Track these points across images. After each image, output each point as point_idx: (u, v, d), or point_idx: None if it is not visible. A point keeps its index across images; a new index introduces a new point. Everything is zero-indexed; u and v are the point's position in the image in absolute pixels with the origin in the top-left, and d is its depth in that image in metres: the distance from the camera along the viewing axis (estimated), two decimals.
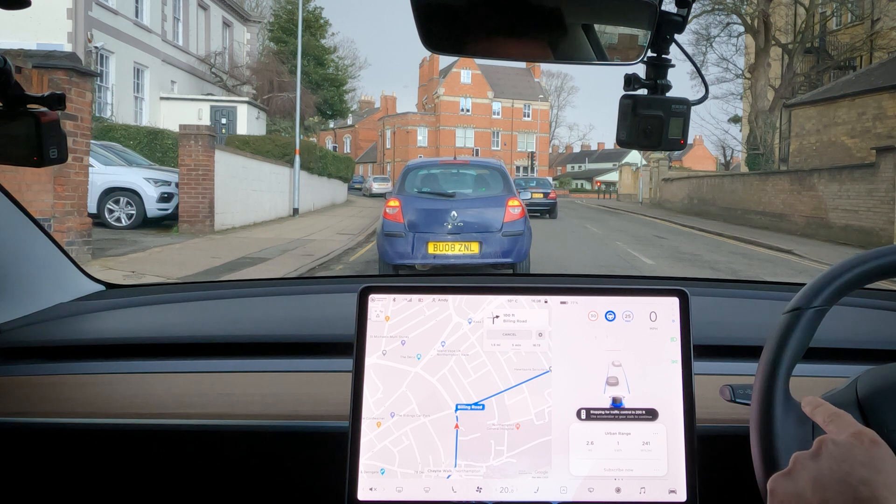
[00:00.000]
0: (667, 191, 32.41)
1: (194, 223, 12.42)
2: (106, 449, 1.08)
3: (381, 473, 0.89)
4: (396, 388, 0.91)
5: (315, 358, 1.16)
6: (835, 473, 0.61)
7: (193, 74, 25.47)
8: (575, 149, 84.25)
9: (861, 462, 0.61)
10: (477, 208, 7.78)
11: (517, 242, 7.66)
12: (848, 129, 18.83)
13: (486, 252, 7.52)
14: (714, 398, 0.91)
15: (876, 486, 0.59)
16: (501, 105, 65.31)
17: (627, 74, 0.86)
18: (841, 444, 0.64)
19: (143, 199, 12.29)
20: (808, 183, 17.32)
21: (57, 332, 1.24)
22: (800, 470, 0.64)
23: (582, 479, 0.89)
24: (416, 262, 7.53)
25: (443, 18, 0.80)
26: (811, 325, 0.77)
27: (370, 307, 0.93)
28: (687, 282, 1.52)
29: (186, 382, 1.11)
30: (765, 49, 26.04)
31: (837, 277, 0.78)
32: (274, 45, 30.31)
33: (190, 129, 12.38)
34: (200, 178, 12.37)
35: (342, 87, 31.32)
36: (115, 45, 20.20)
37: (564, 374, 0.92)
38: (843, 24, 26.40)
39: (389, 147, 65.66)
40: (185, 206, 12.45)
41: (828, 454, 0.63)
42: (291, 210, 19.20)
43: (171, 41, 24.23)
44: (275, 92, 25.36)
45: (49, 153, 0.93)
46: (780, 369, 0.76)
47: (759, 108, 26.77)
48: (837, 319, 1.00)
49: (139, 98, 22.29)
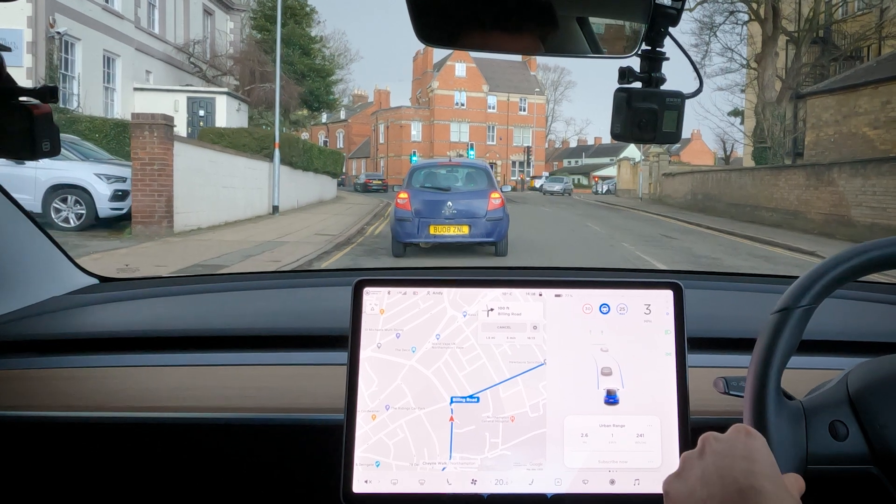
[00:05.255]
0: (668, 186, 31.75)
1: (149, 224, 10.97)
2: (100, 442, 1.07)
3: (376, 466, 0.89)
4: (391, 380, 0.91)
5: (310, 351, 1.17)
6: (718, 469, 0.65)
7: (171, 64, 24.03)
8: (571, 144, 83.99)
9: (741, 455, 0.66)
10: (466, 199, 10.08)
11: (497, 226, 10.02)
12: (870, 119, 17.45)
13: (473, 233, 9.92)
14: (708, 390, 0.92)
15: (754, 475, 0.63)
16: (497, 99, 65.06)
17: (622, 67, 0.86)
18: (722, 439, 0.69)
19: (93, 197, 10.90)
20: (827, 178, 16.07)
21: (51, 325, 1.24)
22: (689, 469, 0.68)
23: (576, 471, 0.90)
24: (420, 241, 10.04)
25: (437, 11, 0.81)
26: (800, 324, 0.78)
27: (365, 300, 0.93)
28: (681, 274, 1.57)
29: (181, 376, 1.12)
30: (773, 37, 24.96)
31: (824, 275, 0.79)
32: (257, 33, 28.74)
33: (143, 119, 10.90)
34: (156, 173, 10.90)
35: (329, 78, 29.62)
36: (81, 31, 18.78)
37: (559, 367, 0.92)
38: (849, 13, 25.54)
39: (383, 142, 65.25)
40: (139, 205, 10.98)
41: (711, 451, 0.68)
42: (271, 208, 17.87)
43: (146, 29, 22.78)
44: (257, 83, 23.89)
45: (42, 146, 0.94)
46: (770, 371, 0.76)
47: (766, 100, 25.59)
48: (830, 312, 1.01)
49: (110, 89, 20.86)
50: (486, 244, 10.25)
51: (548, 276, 0.99)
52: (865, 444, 0.76)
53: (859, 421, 0.76)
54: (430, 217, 9.85)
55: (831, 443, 0.76)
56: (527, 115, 66.41)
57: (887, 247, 0.79)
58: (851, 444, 0.76)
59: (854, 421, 0.76)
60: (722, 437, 0.68)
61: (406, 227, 9.89)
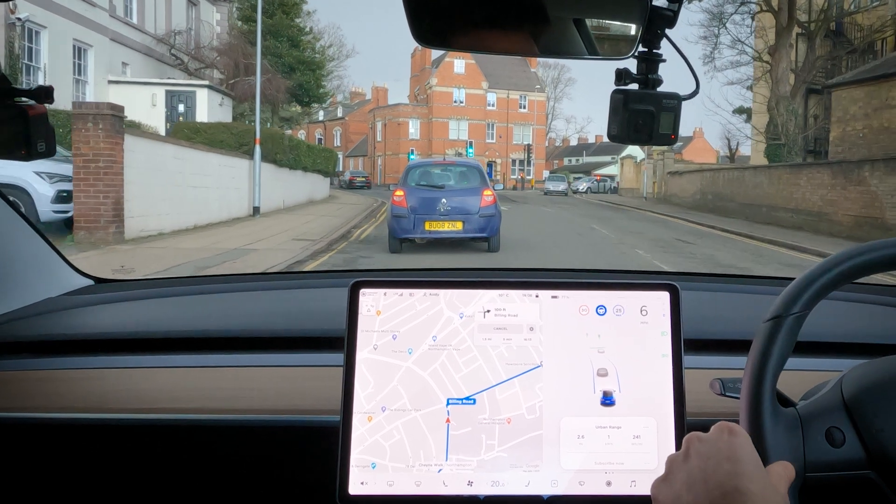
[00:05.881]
0: (674, 185, 30.59)
1: (94, 230, 9.56)
2: (96, 444, 1.07)
3: (372, 467, 0.89)
4: (388, 382, 0.91)
5: (306, 352, 1.16)
6: (703, 472, 0.65)
7: (151, 56, 22.61)
8: (572, 142, 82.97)
9: (725, 456, 0.65)
10: (460, 196, 10.41)
11: (490, 222, 10.34)
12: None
13: (467, 229, 10.23)
14: (704, 392, 0.91)
15: (738, 476, 0.63)
16: (496, 96, 64.11)
17: (619, 69, 0.87)
18: (705, 440, 0.68)
19: (33, 198, 9.51)
20: (857, 176, 14.71)
21: (46, 326, 1.24)
22: (675, 473, 0.67)
23: (573, 473, 0.90)
24: (416, 237, 10.31)
25: (434, 12, 0.81)
26: (792, 332, 0.78)
27: (361, 301, 0.93)
28: (677, 276, 1.60)
29: (176, 377, 1.12)
30: (787, 28, 23.56)
31: (814, 281, 0.79)
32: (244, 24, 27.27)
33: (87, 108, 9.46)
34: (102, 171, 9.47)
35: (319, 72, 28.11)
36: (47, 19, 17.37)
37: (555, 369, 0.92)
38: (862, 6, 24.50)
39: (380, 140, 64.12)
40: (82, 208, 9.56)
41: (695, 453, 0.67)
42: (251, 209, 16.50)
43: (123, 18, 21.33)
44: (242, 76, 22.48)
45: (37, 146, 0.93)
46: (765, 382, 0.76)
47: (779, 94, 24.22)
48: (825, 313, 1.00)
49: (81, 81, 19.43)
50: (479, 240, 10.75)
51: (544, 278, 1.01)
52: (862, 449, 0.76)
53: (855, 426, 0.76)
54: (425, 214, 10.26)
55: (828, 450, 0.76)
56: (527, 112, 65.35)
57: (879, 250, 0.79)
58: (848, 450, 0.76)
59: (850, 426, 0.76)
60: (705, 437, 0.68)
61: (402, 224, 10.30)
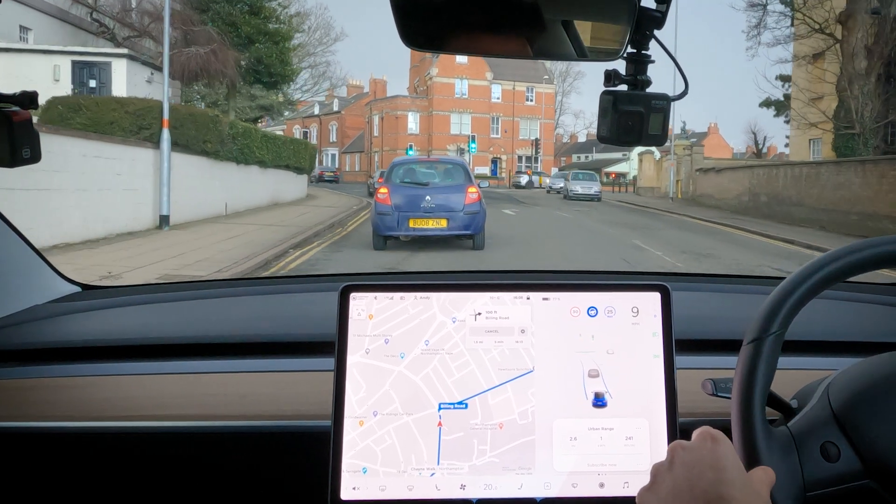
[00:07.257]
0: (707, 184, 26.39)
1: None
2: (84, 452, 1.06)
3: (363, 472, 0.89)
4: (379, 386, 0.91)
5: (297, 357, 1.16)
6: (688, 481, 0.65)
7: (65, 21, 18.03)
8: (580, 138, 78.50)
9: (709, 464, 0.65)
10: (445, 194, 10.91)
11: (474, 219, 10.78)
12: None
13: (451, 226, 10.73)
14: (696, 392, 0.92)
15: (722, 483, 0.64)
16: (502, 88, 59.78)
17: (608, 70, 0.87)
18: (689, 448, 0.68)
19: None
20: None
21: (33, 334, 1.24)
22: (660, 482, 0.68)
23: (566, 475, 0.90)
24: (400, 234, 10.92)
25: (422, 14, 0.80)
26: (774, 351, 0.78)
27: (352, 305, 0.92)
28: (668, 277, 1.64)
29: (166, 384, 1.11)
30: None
31: (787, 298, 0.79)
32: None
33: None
34: None
35: (284, 45, 23.27)
36: None
37: (547, 372, 0.92)
38: None
39: (377, 135, 59.60)
40: None
41: (679, 461, 0.67)
42: (157, 219, 11.85)
43: None
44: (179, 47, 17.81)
45: (22, 153, 0.93)
46: (753, 406, 0.77)
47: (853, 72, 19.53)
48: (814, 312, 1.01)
49: None
50: (463, 237, 10.91)
51: (536, 280, 1.02)
52: (858, 460, 0.76)
53: (849, 438, 0.77)
54: (409, 211, 10.47)
55: (826, 466, 0.76)
56: (534, 105, 60.97)
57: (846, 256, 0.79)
58: (845, 463, 0.76)
59: (843, 439, 0.77)
60: (689, 445, 0.69)
61: (386, 221, 10.46)
